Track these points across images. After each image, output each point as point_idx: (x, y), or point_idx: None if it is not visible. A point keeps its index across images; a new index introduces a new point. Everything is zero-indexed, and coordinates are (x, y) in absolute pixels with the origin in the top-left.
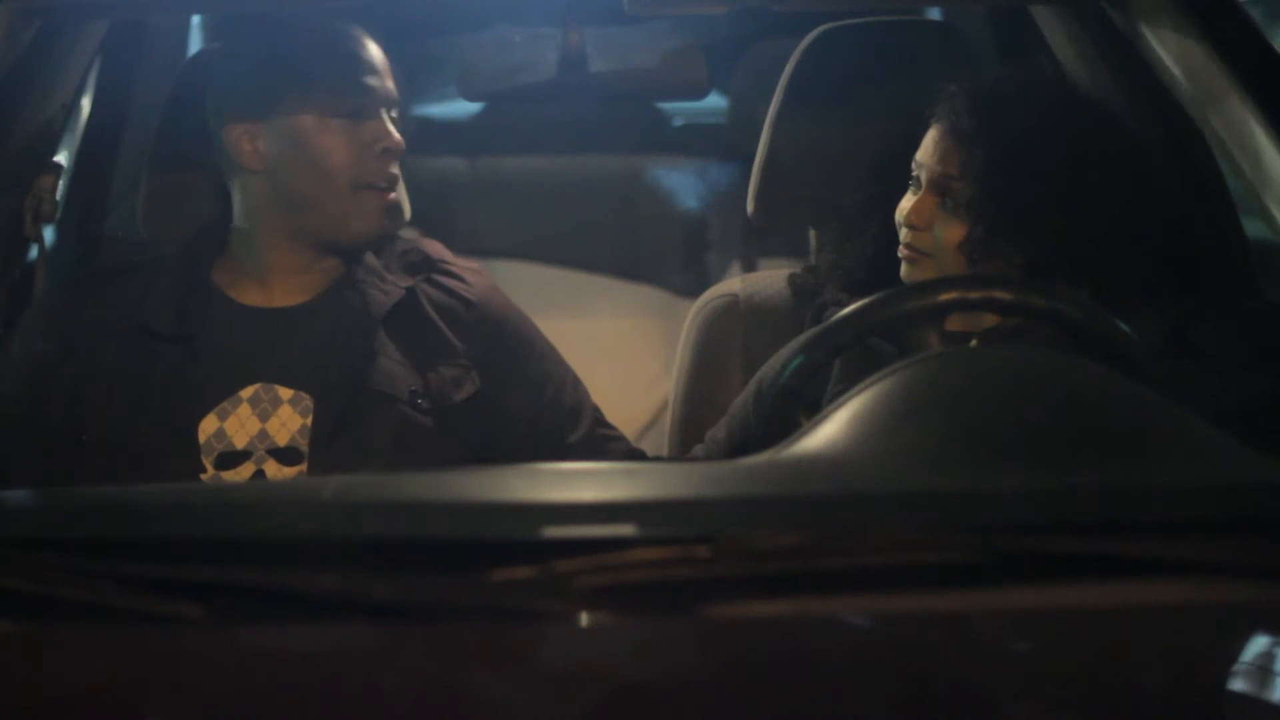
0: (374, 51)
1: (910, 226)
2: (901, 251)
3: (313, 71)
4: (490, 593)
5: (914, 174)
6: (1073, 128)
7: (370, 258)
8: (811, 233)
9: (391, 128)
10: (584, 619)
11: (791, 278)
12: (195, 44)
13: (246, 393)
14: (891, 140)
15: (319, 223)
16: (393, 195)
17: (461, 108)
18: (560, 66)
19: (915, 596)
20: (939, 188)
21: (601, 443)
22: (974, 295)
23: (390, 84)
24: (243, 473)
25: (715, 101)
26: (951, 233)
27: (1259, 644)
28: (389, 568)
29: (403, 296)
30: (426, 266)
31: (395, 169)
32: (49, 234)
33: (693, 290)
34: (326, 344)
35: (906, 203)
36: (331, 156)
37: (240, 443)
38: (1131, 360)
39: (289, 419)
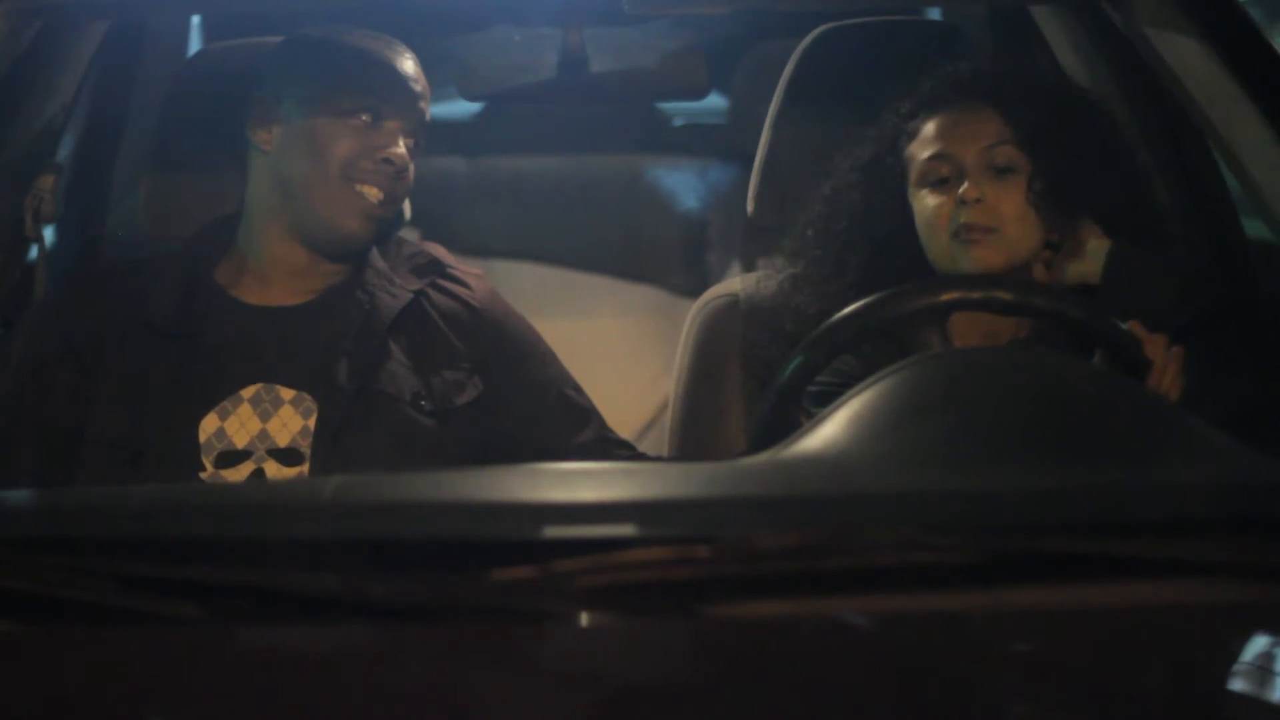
0: (417, 77)
1: (968, 204)
2: (964, 236)
3: (346, 69)
4: (490, 593)
5: (938, 175)
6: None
7: (379, 261)
8: (811, 233)
9: (402, 146)
10: (584, 619)
11: (791, 279)
12: (195, 44)
13: (247, 392)
14: (885, 141)
15: (304, 212)
16: (378, 199)
17: (461, 108)
18: (560, 66)
19: (915, 596)
20: (983, 161)
21: (606, 448)
22: (975, 295)
23: (421, 111)
24: (242, 472)
25: (715, 101)
26: (1011, 196)
27: (1259, 644)
28: (389, 568)
29: (410, 301)
30: (432, 270)
31: (393, 182)
32: (49, 234)
33: (693, 290)
34: (332, 344)
35: (940, 197)
36: (331, 148)
37: (240, 442)
38: (1132, 360)
39: (290, 419)
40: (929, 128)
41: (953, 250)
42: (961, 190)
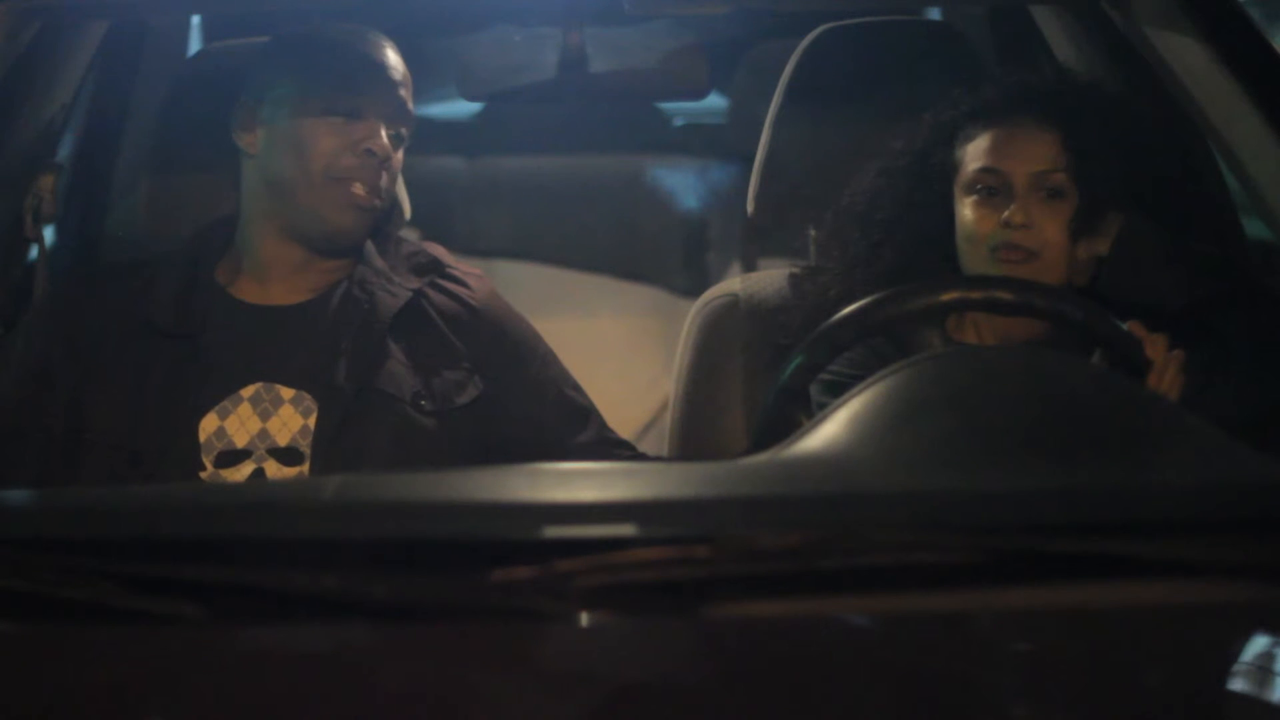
0: (393, 65)
1: (1013, 227)
2: (1003, 255)
3: (319, 66)
4: (490, 593)
5: (987, 186)
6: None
7: (378, 259)
8: (811, 233)
9: (384, 136)
10: (584, 619)
11: (791, 278)
12: (195, 44)
13: (247, 391)
14: (940, 135)
15: (295, 211)
16: (365, 191)
17: (461, 108)
18: (560, 66)
19: (915, 596)
20: (1034, 184)
21: (606, 448)
22: (974, 295)
23: (400, 99)
24: (242, 471)
25: (715, 101)
26: (1056, 224)
27: (1259, 644)
28: (389, 568)
29: (409, 299)
30: (431, 269)
31: (378, 174)
32: (49, 234)
33: (693, 290)
34: (332, 343)
35: (985, 210)
36: (312, 145)
37: (240, 441)
38: (1132, 360)
39: (290, 419)
40: (986, 137)
41: (989, 266)
42: (1008, 213)
